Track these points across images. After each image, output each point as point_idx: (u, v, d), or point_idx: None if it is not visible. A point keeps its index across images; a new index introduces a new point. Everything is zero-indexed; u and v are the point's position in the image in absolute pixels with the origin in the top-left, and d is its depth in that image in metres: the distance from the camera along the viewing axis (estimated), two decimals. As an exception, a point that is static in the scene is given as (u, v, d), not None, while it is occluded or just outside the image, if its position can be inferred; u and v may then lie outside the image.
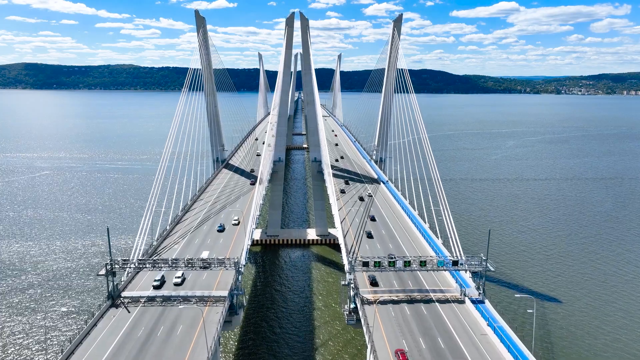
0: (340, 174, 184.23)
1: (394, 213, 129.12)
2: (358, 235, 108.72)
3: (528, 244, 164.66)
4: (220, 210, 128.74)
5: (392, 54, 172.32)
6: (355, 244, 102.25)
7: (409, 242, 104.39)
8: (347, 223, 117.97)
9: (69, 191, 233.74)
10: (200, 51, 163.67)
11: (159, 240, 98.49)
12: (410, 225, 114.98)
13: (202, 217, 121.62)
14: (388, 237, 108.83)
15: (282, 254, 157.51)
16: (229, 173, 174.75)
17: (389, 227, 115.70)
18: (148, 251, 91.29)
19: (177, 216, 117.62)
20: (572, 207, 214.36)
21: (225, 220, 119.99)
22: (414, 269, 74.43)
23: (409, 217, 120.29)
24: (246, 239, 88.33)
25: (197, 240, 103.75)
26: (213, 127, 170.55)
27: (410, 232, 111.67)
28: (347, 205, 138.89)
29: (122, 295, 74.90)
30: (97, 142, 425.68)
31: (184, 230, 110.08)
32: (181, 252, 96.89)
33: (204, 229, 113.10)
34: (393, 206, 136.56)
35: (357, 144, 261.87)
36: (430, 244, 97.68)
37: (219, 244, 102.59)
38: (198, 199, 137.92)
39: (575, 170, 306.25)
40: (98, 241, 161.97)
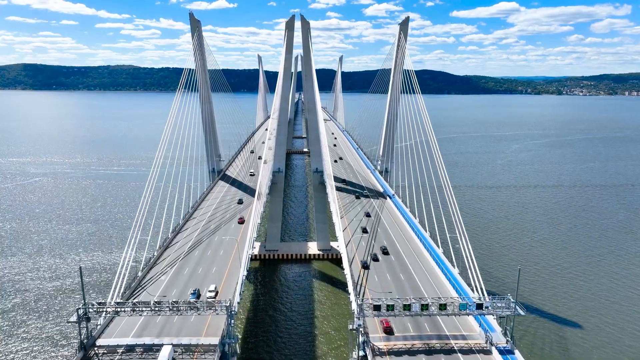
0: (342, 186, 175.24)
1: (403, 235, 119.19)
2: (365, 260, 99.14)
3: (551, 266, 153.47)
4: (214, 231, 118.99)
5: (398, 57, 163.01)
6: (362, 274, 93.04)
7: (422, 273, 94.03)
8: (353, 248, 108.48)
9: (59, 200, 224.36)
10: (195, 55, 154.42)
11: (145, 270, 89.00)
12: (422, 251, 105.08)
13: (194, 240, 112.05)
14: (398, 265, 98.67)
15: (282, 270, 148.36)
16: (225, 186, 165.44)
17: (398, 253, 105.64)
18: (131, 284, 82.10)
19: (167, 239, 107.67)
20: (585, 218, 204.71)
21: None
22: (433, 312, 65.33)
23: (419, 241, 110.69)
24: (240, 275, 78.71)
25: (187, 269, 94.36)
26: (209, 135, 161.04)
27: (423, 258, 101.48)
28: (351, 224, 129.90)
29: (97, 343, 65.53)
30: (93, 146, 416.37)
31: (174, 256, 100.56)
32: (169, 285, 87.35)
33: (195, 255, 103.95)
34: (402, 226, 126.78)
35: (360, 151, 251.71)
36: (447, 275, 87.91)
37: (210, 274, 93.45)
38: (191, 217, 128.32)
39: (583, 177, 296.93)
40: (84, 257, 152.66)
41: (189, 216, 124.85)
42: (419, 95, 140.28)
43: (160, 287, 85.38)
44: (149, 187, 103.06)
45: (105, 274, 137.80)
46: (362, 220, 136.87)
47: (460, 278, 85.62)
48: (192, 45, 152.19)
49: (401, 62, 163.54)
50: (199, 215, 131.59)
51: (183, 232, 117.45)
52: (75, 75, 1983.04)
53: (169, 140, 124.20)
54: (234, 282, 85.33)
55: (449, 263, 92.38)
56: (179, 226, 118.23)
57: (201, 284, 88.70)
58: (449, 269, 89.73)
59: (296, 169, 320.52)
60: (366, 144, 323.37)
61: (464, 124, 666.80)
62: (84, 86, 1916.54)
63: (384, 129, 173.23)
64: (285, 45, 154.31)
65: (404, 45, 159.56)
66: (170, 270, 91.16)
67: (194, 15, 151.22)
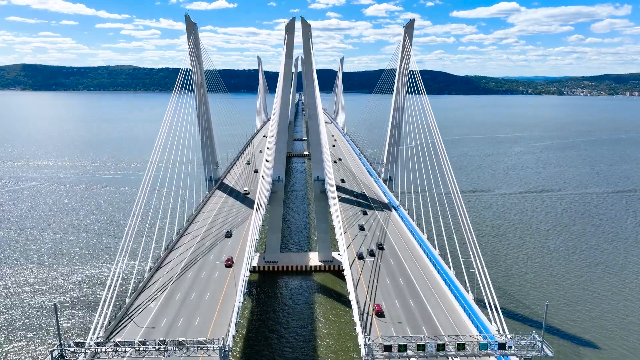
0: (345, 196, 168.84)
1: (412, 255, 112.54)
2: (371, 290, 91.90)
3: (569, 284, 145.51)
4: (210, 248, 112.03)
5: (403, 61, 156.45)
6: (369, 298, 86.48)
7: (434, 300, 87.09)
8: (358, 269, 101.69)
9: (52, 208, 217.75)
10: (192, 59, 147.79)
11: (133, 297, 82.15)
12: (432, 273, 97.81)
13: (187, 260, 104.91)
14: (408, 291, 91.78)
15: (282, 283, 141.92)
16: (222, 196, 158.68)
17: (408, 277, 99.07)
18: (116, 315, 75.49)
19: (158, 259, 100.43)
20: (596, 227, 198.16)
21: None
22: (450, 352, 58.81)
23: (428, 260, 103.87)
24: (237, 303, 72.03)
25: (179, 294, 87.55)
26: (205, 143, 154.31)
27: (434, 282, 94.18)
28: (355, 239, 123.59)
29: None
30: (89, 148, 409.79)
31: (165, 278, 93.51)
32: (158, 314, 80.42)
33: (188, 277, 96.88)
34: (409, 243, 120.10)
35: (362, 156, 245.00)
36: (462, 305, 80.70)
37: (204, 301, 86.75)
38: (185, 232, 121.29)
39: (590, 181, 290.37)
40: (74, 269, 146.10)
41: (182, 231, 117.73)
42: (425, 97, 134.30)
43: (149, 316, 78.63)
44: (141, 197, 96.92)
45: (93, 289, 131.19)
46: (367, 236, 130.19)
47: (475, 306, 78.53)
48: (188, 49, 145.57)
49: (406, 66, 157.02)
50: (194, 230, 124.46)
51: (176, 249, 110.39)
52: (75, 76, 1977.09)
53: (164, 145, 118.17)
54: (230, 309, 78.84)
55: (463, 289, 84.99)
56: (171, 243, 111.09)
57: (193, 312, 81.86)
58: (464, 297, 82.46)
59: (296, 173, 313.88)
60: (368, 146, 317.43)
61: (465, 125, 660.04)
62: (84, 87, 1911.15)
63: (387, 136, 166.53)
64: (285, 49, 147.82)
65: (409, 48, 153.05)
66: (161, 296, 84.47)
67: (190, 18, 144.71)
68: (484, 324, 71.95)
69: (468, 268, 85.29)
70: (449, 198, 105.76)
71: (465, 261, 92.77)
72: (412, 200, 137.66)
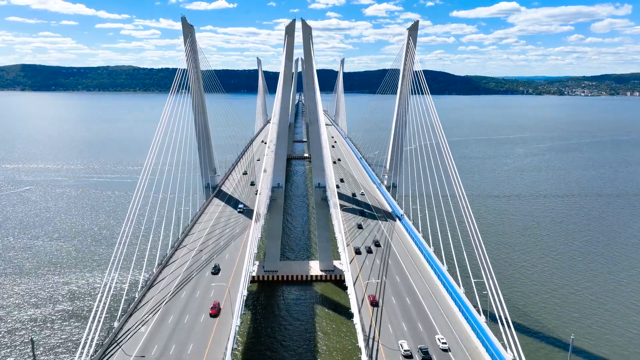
0: (347, 205, 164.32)
1: (418, 271, 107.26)
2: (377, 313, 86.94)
3: (581, 297, 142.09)
4: (206, 262, 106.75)
5: (407, 63, 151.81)
6: (374, 322, 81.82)
7: (445, 324, 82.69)
8: (362, 283, 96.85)
9: (47, 213, 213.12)
10: (188, 62, 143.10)
11: (123, 319, 76.89)
12: (441, 291, 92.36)
13: (182, 276, 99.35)
14: (416, 312, 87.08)
15: (282, 294, 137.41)
16: (220, 205, 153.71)
17: (416, 299, 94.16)
18: (104, 341, 70.67)
19: (151, 276, 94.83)
20: (607, 234, 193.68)
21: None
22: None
23: (436, 276, 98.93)
24: (233, 327, 67.23)
25: (171, 318, 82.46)
26: (203, 149, 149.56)
27: (444, 303, 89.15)
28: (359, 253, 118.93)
29: None
30: (88, 150, 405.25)
31: (158, 298, 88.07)
32: (149, 340, 75.33)
33: (182, 297, 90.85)
34: (415, 256, 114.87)
35: (364, 160, 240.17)
36: (473, 326, 75.84)
37: (198, 324, 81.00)
38: (180, 246, 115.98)
39: (594, 185, 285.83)
40: (65, 280, 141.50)
41: (178, 244, 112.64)
42: (430, 101, 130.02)
43: (138, 342, 73.75)
44: (135, 205, 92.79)
45: (81, 303, 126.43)
46: (371, 249, 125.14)
47: (489, 331, 73.18)
48: (185, 52, 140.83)
49: (410, 69, 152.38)
50: (190, 242, 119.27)
51: (171, 264, 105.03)
52: (75, 76, 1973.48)
53: (160, 149, 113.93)
54: (226, 334, 74.01)
55: (475, 311, 79.61)
56: (166, 258, 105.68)
57: (186, 339, 76.03)
58: (476, 320, 77.28)
59: (296, 176, 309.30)
60: (369, 149, 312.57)
61: (466, 126, 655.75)
62: (83, 87, 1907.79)
63: (390, 141, 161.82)
64: (285, 51, 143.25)
65: (413, 50, 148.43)
66: (152, 319, 79.57)
67: (187, 20, 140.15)
68: (500, 353, 67.03)
69: (480, 288, 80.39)
70: (456, 206, 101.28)
71: (475, 275, 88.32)
72: (417, 210, 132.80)
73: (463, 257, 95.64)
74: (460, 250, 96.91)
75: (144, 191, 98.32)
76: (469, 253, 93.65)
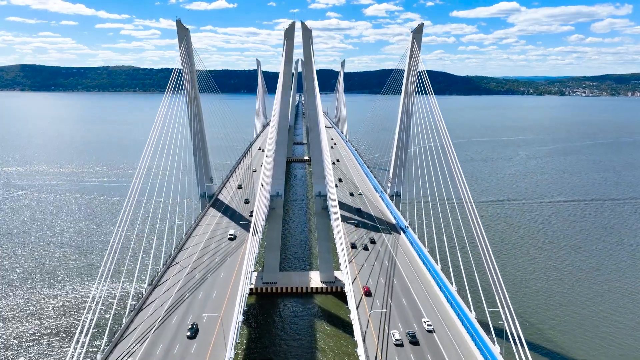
0: (348, 215, 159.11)
1: (424, 288, 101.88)
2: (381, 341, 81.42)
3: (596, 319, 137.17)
4: (199, 283, 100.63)
5: (410, 67, 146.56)
6: (379, 352, 76.41)
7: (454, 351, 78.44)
8: (366, 309, 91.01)
9: (40, 220, 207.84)
10: (184, 67, 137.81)
11: (107, 351, 70.90)
12: (452, 317, 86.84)
13: (174, 298, 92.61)
14: (427, 346, 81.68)
15: (281, 307, 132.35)
16: (216, 216, 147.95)
17: (422, 329, 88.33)
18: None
19: (140, 300, 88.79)
20: (613, 243, 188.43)
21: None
22: None
23: (443, 295, 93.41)
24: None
25: (161, 346, 76.74)
26: (199, 157, 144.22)
27: (452, 327, 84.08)
28: (362, 271, 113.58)
29: None
30: (85, 152, 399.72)
31: (147, 324, 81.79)
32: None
33: (172, 322, 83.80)
34: (420, 273, 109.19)
35: (365, 166, 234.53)
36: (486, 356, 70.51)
37: (189, 355, 74.98)
38: (173, 263, 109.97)
39: (600, 189, 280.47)
40: (53, 292, 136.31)
41: (170, 262, 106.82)
42: (434, 102, 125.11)
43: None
44: (126, 214, 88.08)
45: (70, 318, 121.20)
46: (374, 267, 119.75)
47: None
48: (180, 56, 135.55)
49: (414, 73, 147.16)
50: (183, 259, 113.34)
51: (162, 284, 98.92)
52: (74, 76, 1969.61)
53: (154, 154, 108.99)
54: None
55: (489, 340, 73.75)
56: (157, 277, 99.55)
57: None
58: (491, 352, 71.65)
59: (296, 180, 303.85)
60: (370, 152, 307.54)
61: (468, 127, 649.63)
62: (83, 87, 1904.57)
63: (393, 149, 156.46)
64: (284, 55, 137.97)
65: (417, 54, 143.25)
66: (140, 349, 74.01)
67: (182, 23, 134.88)
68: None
69: (495, 316, 74.88)
70: (463, 217, 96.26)
71: (487, 297, 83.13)
72: (422, 221, 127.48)
73: (473, 274, 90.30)
74: (469, 267, 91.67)
75: (136, 197, 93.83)
76: (479, 270, 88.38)
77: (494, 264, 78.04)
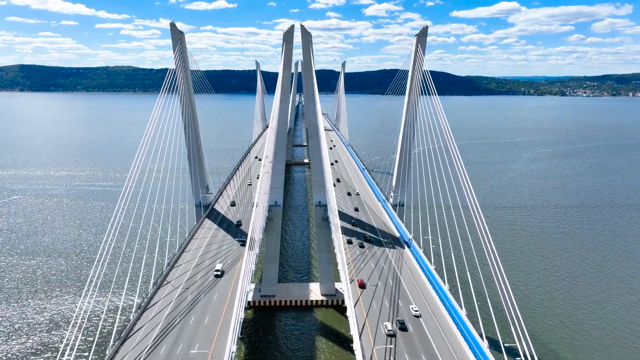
0: (349, 227, 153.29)
1: (429, 308, 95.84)
2: None
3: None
4: (191, 305, 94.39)
5: (414, 74, 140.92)
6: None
7: None
8: (370, 338, 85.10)
9: (33, 227, 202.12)
10: (178, 72, 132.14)
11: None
12: (461, 344, 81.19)
13: (163, 323, 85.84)
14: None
15: (279, 321, 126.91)
16: (212, 228, 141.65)
17: None
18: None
19: (127, 327, 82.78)
20: (622, 253, 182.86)
21: None
22: None
23: (452, 320, 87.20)
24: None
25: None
26: (194, 165, 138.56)
27: None
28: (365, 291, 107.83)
29: None
30: (82, 155, 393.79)
31: (133, 355, 75.47)
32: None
33: (160, 354, 76.82)
34: (426, 293, 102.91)
35: (366, 172, 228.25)
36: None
37: None
38: (164, 282, 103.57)
39: (606, 194, 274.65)
40: (39, 307, 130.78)
41: (161, 281, 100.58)
42: (439, 107, 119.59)
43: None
44: (116, 223, 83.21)
45: (52, 337, 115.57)
46: (378, 286, 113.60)
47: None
48: (174, 61, 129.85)
49: (418, 77, 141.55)
50: (174, 277, 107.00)
51: (152, 306, 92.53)
52: (74, 77, 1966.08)
53: (147, 158, 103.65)
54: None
55: None
56: (146, 300, 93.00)
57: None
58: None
59: (295, 185, 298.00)
60: (371, 153, 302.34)
61: (469, 129, 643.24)
62: (83, 87, 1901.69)
63: (397, 157, 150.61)
64: (282, 60, 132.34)
65: (422, 58, 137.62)
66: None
67: (176, 26, 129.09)
68: None
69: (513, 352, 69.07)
70: (471, 228, 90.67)
71: (503, 327, 77.58)
72: (428, 236, 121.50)
73: (483, 294, 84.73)
74: (478, 284, 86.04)
75: (127, 205, 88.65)
76: (491, 295, 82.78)
77: (507, 288, 72.62)
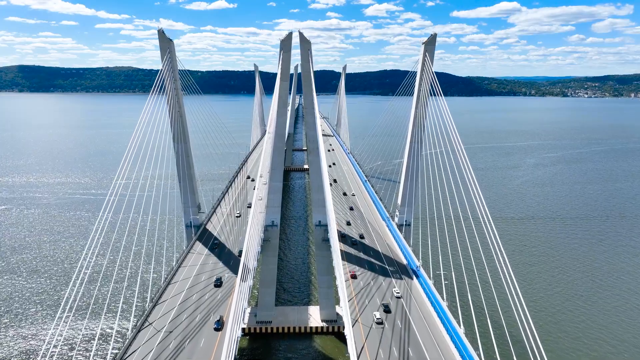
0: (352, 252, 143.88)
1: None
2: None
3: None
4: (181, 343, 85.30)
5: (422, 83, 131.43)
6: None
7: None
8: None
9: (17, 241, 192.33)
10: (168, 84, 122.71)
11: None
12: None
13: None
14: None
15: (276, 350, 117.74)
16: (203, 253, 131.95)
17: None
18: None
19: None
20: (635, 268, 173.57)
21: None
22: None
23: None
24: None
25: None
26: (184, 183, 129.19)
27: None
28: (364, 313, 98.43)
29: None
30: (76, 161, 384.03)
31: None
32: None
33: None
34: (438, 337, 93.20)
35: (368, 184, 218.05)
36: None
37: None
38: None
39: (616, 203, 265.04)
40: (17, 333, 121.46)
41: (147, 314, 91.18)
42: (449, 118, 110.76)
43: None
44: (96, 241, 74.12)
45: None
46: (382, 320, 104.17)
47: None
48: (162, 69, 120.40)
49: (425, 85, 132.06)
50: (161, 311, 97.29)
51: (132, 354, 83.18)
52: (73, 77, 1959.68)
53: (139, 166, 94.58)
54: None
55: None
56: (130, 338, 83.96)
57: None
58: None
59: (294, 193, 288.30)
60: (372, 159, 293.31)
61: (471, 132, 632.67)
62: (82, 88, 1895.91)
63: (402, 172, 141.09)
64: (280, 70, 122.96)
65: (430, 67, 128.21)
66: None
67: (164, 33, 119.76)
68: None
69: None
70: (485, 246, 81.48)
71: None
72: (438, 256, 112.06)
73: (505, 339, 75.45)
74: (497, 319, 76.59)
75: (109, 217, 79.99)
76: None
77: (532, 330, 63.39)
